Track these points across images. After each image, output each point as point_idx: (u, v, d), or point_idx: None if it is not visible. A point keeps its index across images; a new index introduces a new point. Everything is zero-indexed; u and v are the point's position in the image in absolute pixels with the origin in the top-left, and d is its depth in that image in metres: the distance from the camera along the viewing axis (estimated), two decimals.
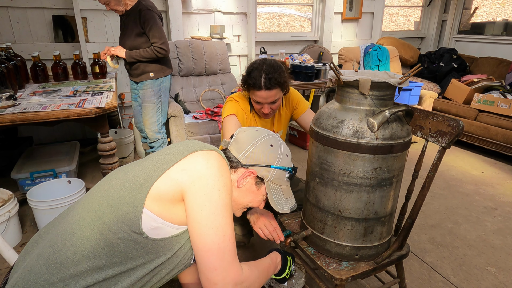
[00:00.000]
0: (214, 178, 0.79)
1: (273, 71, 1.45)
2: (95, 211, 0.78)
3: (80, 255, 0.74)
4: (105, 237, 0.75)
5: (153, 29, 2.39)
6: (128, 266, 0.76)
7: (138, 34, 2.42)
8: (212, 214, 0.77)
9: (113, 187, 0.82)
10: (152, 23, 2.38)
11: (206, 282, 0.77)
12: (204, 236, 0.76)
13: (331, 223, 1.15)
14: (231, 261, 0.79)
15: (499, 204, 2.51)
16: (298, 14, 5.83)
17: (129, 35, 2.44)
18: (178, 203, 0.78)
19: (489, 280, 1.74)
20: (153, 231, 0.77)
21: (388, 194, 1.10)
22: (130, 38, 2.44)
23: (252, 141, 0.96)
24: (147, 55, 2.43)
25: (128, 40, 2.45)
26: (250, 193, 0.96)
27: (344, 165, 1.06)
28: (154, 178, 0.78)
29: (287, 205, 1.01)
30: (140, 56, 2.43)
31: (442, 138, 1.10)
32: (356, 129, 1.03)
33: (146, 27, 2.38)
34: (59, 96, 2.11)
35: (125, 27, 2.47)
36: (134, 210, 0.76)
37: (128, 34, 2.44)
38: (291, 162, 1.03)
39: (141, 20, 2.37)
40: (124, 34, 2.48)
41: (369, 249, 1.15)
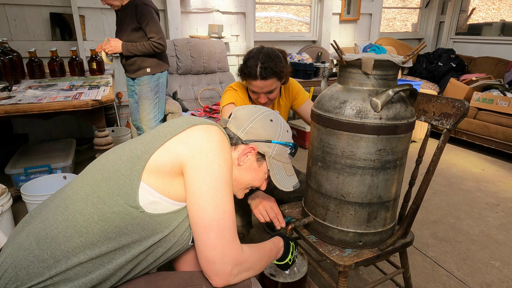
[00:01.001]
0: (214, 153, 0.76)
1: (269, 60, 1.42)
2: (90, 185, 0.75)
3: (72, 230, 0.70)
4: (99, 211, 0.71)
5: (150, 24, 2.36)
6: (123, 243, 0.72)
7: (134, 29, 2.40)
8: (212, 189, 0.74)
9: (109, 161, 0.78)
10: (149, 18, 2.36)
11: (204, 261, 0.74)
12: (203, 212, 0.73)
13: (334, 209, 1.11)
14: (231, 239, 0.75)
15: (501, 200, 2.48)
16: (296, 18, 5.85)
17: (125, 30, 2.42)
18: (176, 177, 0.75)
19: (494, 274, 1.70)
20: (150, 206, 0.73)
21: (392, 177, 1.07)
22: (126, 33, 2.42)
23: (252, 117, 0.93)
24: (144, 49, 2.40)
25: (124, 35, 2.43)
26: (252, 170, 0.93)
27: (347, 147, 1.03)
28: (152, 150, 0.74)
29: (290, 183, 0.98)
30: (137, 50, 2.40)
31: (446, 120, 1.08)
32: (359, 109, 1.00)
33: (142, 22, 2.36)
34: (55, 90, 2.08)
35: (121, 22, 2.45)
36: (130, 183, 0.72)
37: (124, 29, 2.42)
38: (291, 139, 1.01)
39: (138, 15, 2.35)
40: (120, 29, 2.46)
41: (373, 235, 1.12)
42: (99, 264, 0.70)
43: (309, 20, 4.45)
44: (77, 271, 0.69)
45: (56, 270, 0.68)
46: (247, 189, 0.98)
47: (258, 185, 0.97)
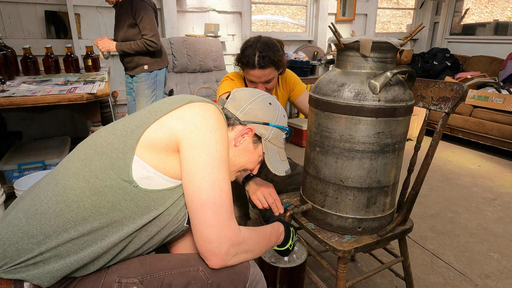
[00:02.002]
0: (211, 130, 0.74)
1: (267, 49, 1.42)
2: (81, 160, 0.73)
3: (62, 205, 0.68)
4: (91, 185, 0.69)
5: (144, 20, 2.34)
6: (116, 219, 0.69)
7: (130, 25, 2.38)
8: (208, 166, 0.72)
9: (101, 136, 0.77)
10: (144, 13, 2.34)
11: (201, 240, 0.72)
12: (200, 189, 0.71)
13: (333, 194, 1.10)
14: (228, 218, 0.74)
15: (498, 195, 2.48)
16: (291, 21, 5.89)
17: (121, 26, 2.41)
18: (172, 153, 0.73)
19: (493, 265, 1.69)
20: (144, 181, 0.71)
21: (391, 161, 1.06)
22: (123, 29, 2.41)
23: (251, 98, 0.92)
24: (137, 48, 2.38)
25: (120, 31, 2.42)
26: (247, 152, 0.92)
27: (345, 130, 1.02)
28: (147, 125, 0.73)
29: (283, 168, 0.97)
30: (130, 49, 2.39)
31: (445, 104, 1.07)
32: (358, 91, 1.00)
33: (137, 17, 2.34)
34: (50, 85, 2.06)
35: (118, 18, 2.44)
36: (124, 157, 0.70)
37: (121, 25, 2.41)
38: (287, 124, 1.00)
39: (133, 10, 2.34)
40: (117, 26, 2.46)
41: (372, 221, 1.11)
42: (91, 241, 0.68)
43: (305, 21, 4.47)
44: (68, 247, 0.67)
45: (46, 246, 0.66)
46: (238, 172, 0.96)
47: (251, 168, 0.95)
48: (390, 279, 1.58)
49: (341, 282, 1.10)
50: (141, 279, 0.70)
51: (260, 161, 0.96)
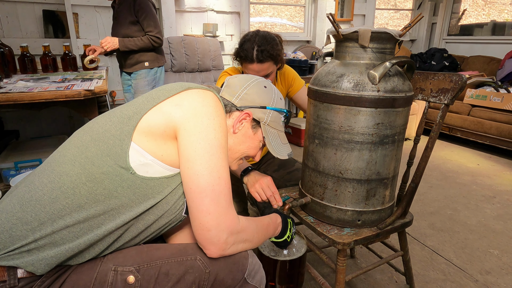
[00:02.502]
0: (210, 117, 0.73)
1: (265, 43, 1.41)
2: (77, 147, 0.72)
3: (58, 191, 0.67)
4: (87, 172, 0.68)
5: (148, 18, 2.36)
6: (112, 206, 0.68)
7: (131, 22, 2.39)
8: (207, 153, 0.71)
9: (98, 123, 0.76)
10: (148, 11, 2.37)
11: (199, 228, 0.70)
12: (198, 176, 0.70)
13: (332, 187, 1.09)
14: (227, 207, 0.72)
15: (497, 192, 2.48)
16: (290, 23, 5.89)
17: (122, 23, 2.40)
18: (170, 140, 0.72)
19: (493, 261, 1.68)
20: (142, 168, 0.70)
21: (390, 153, 1.05)
22: (124, 26, 2.40)
23: (245, 83, 0.92)
24: (142, 44, 2.39)
25: (121, 28, 2.41)
26: (247, 138, 0.91)
27: (344, 121, 1.02)
28: (144, 111, 0.72)
29: (285, 151, 0.96)
30: (135, 45, 2.39)
31: (444, 96, 1.07)
32: (357, 82, 0.99)
33: (140, 16, 2.35)
34: (47, 82, 2.05)
35: (117, 16, 2.44)
36: (120, 143, 0.69)
37: (122, 22, 2.40)
38: (285, 107, 0.99)
39: (136, 8, 2.35)
40: (117, 23, 2.45)
41: (372, 213, 1.10)
42: (87, 229, 0.67)
43: (303, 20, 4.47)
44: (64, 235, 0.65)
45: (40, 233, 0.64)
46: (241, 159, 0.95)
47: (253, 154, 0.94)
48: (390, 275, 1.57)
49: (340, 275, 1.09)
50: (138, 268, 0.69)
51: (261, 146, 0.95)
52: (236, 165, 0.95)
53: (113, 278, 0.66)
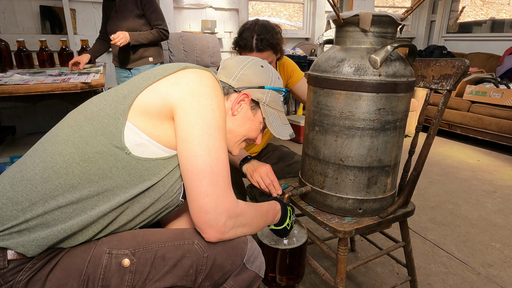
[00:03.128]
0: (207, 97, 0.71)
1: (265, 32, 1.39)
2: (71, 127, 0.70)
3: (50, 171, 0.64)
4: (81, 151, 0.66)
5: (156, 11, 2.36)
6: (106, 187, 0.66)
7: (137, 15, 2.36)
8: (204, 134, 0.69)
9: (92, 103, 0.73)
10: (155, 5, 2.37)
11: (196, 211, 0.68)
12: (195, 157, 0.68)
13: (332, 175, 1.07)
14: (225, 189, 0.70)
15: (498, 187, 2.46)
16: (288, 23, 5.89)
17: (127, 16, 2.36)
18: (166, 120, 0.70)
19: (495, 254, 1.66)
20: (137, 148, 0.68)
21: (392, 140, 1.03)
22: (128, 20, 2.36)
23: (241, 64, 0.90)
24: (152, 37, 2.37)
25: (125, 22, 2.37)
26: (247, 120, 0.89)
27: (345, 107, 1.00)
28: (139, 90, 0.69)
29: (286, 132, 0.94)
30: (145, 39, 2.36)
31: (446, 81, 1.05)
32: (358, 66, 0.97)
33: (148, 9, 2.34)
34: (44, 75, 2.03)
35: (120, 9, 2.39)
36: (115, 122, 0.67)
37: (126, 15, 2.36)
38: (283, 86, 0.98)
39: (142, 2, 2.33)
40: (123, 16, 2.38)
41: (373, 202, 1.08)
42: (80, 210, 0.64)
43: (302, 20, 4.46)
44: (56, 216, 0.63)
45: (32, 213, 0.62)
46: (242, 142, 0.93)
47: (254, 136, 0.92)
48: (391, 268, 1.55)
49: (341, 265, 1.07)
50: (133, 251, 0.67)
51: (262, 128, 0.93)
52: (237, 150, 0.92)
53: (107, 261, 0.64)
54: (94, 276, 0.62)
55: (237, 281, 0.73)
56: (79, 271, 0.62)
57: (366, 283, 1.46)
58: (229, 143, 0.89)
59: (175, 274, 0.68)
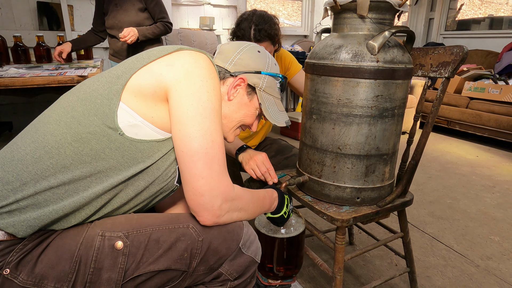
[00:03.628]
0: (202, 79, 0.70)
1: (263, 22, 1.38)
2: (63, 108, 0.68)
3: (42, 151, 0.63)
4: (73, 131, 0.64)
5: (159, 4, 2.34)
6: (99, 168, 0.65)
7: (140, 9, 2.33)
8: (199, 115, 0.68)
9: (85, 84, 0.72)
10: None
11: (191, 194, 0.67)
12: (190, 139, 0.67)
13: (330, 163, 1.06)
14: (221, 172, 0.69)
15: (497, 182, 2.45)
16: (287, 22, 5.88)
17: (129, 10, 2.32)
18: (160, 102, 0.69)
19: (494, 247, 1.66)
20: (131, 129, 0.67)
21: (390, 127, 1.02)
22: (131, 14, 2.33)
23: (238, 49, 0.89)
24: (159, 31, 2.34)
25: (128, 16, 2.33)
26: (243, 105, 0.87)
27: (343, 94, 0.99)
28: (134, 70, 0.68)
29: (282, 118, 0.94)
30: (152, 33, 2.32)
31: (444, 69, 1.04)
32: (356, 52, 0.96)
33: (150, 2, 2.31)
34: (40, 69, 2.01)
35: (121, 3, 2.34)
36: (108, 103, 0.66)
37: (129, 9, 2.32)
38: (279, 72, 0.97)
39: None
40: (125, 10, 2.32)
41: (371, 191, 1.07)
42: (72, 191, 0.63)
43: (300, 16, 4.46)
44: (47, 196, 0.62)
45: (22, 193, 0.61)
46: (237, 129, 0.92)
47: (250, 122, 0.91)
48: (389, 261, 1.54)
49: (339, 255, 1.06)
50: (127, 234, 0.66)
51: (258, 114, 0.92)
52: (232, 136, 0.91)
53: (100, 243, 0.63)
54: (87, 258, 0.61)
55: (232, 266, 0.72)
56: (71, 252, 0.61)
57: (365, 276, 1.45)
58: (224, 128, 0.88)
59: (169, 257, 0.67)
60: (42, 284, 0.58)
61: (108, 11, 2.39)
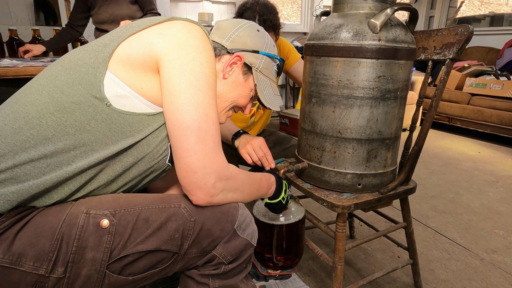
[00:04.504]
0: (196, 50, 0.66)
1: (267, 12, 1.35)
2: (46, 77, 0.64)
3: (22, 121, 0.59)
4: (56, 101, 0.60)
5: None
6: (84, 141, 0.61)
7: (131, 1, 2.29)
8: (192, 87, 0.64)
9: (70, 53, 0.68)
10: None
11: (183, 171, 0.63)
12: (182, 111, 0.63)
13: (330, 148, 1.02)
14: (215, 148, 0.65)
15: (500, 177, 2.41)
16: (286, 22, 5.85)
17: (121, 3, 2.27)
18: (150, 72, 0.65)
19: (499, 241, 1.61)
20: (119, 100, 0.63)
21: (392, 110, 0.98)
22: (124, 7, 2.28)
23: (237, 25, 0.85)
24: None
25: (120, 9, 2.29)
26: (237, 85, 0.84)
27: (343, 75, 0.95)
28: (122, 38, 0.64)
29: (277, 102, 0.90)
30: None
31: (449, 50, 1.00)
32: (357, 31, 0.92)
33: None
34: (35, 62, 1.98)
35: None
36: (94, 71, 0.62)
37: (120, 2, 2.27)
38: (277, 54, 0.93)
39: None
40: (116, 3, 2.27)
41: (373, 177, 1.03)
42: (55, 165, 0.59)
43: (300, 14, 4.43)
44: (27, 170, 0.58)
45: (0, 166, 0.57)
46: (230, 110, 0.88)
47: (243, 103, 0.87)
48: (391, 254, 1.49)
49: (340, 243, 1.02)
50: (113, 212, 0.61)
51: (252, 96, 0.88)
52: (224, 117, 0.87)
53: (84, 221, 0.59)
54: (69, 236, 0.57)
55: (227, 248, 0.68)
56: (52, 230, 0.57)
57: (366, 269, 1.40)
58: (218, 109, 0.85)
59: (158, 237, 0.62)
60: (19, 263, 0.54)
61: (96, 6, 2.29)
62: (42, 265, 0.55)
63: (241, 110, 0.91)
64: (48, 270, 0.56)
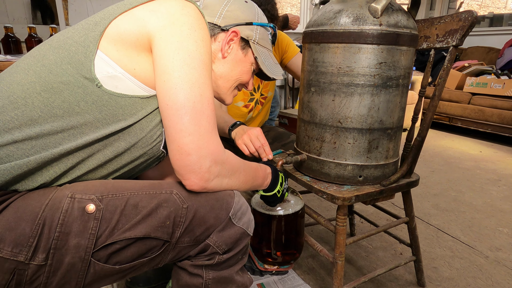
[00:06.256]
0: (190, 27, 0.62)
1: (265, 3, 1.33)
2: (33, 57, 0.61)
3: (5, 101, 0.56)
4: (43, 80, 0.57)
5: None
6: (73, 123, 0.57)
7: None
8: (186, 66, 0.60)
9: (60, 33, 0.65)
10: None
11: (177, 153, 0.59)
12: (176, 90, 0.59)
13: (330, 139, 0.98)
14: (210, 130, 0.62)
15: (502, 176, 2.38)
16: None
17: None
18: (143, 52, 0.61)
19: (503, 239, 1.57)
20: (110, 81, 0.59)
21: (394, 99, 0.95)
22: None
23: (224, 1, 0.84)
24: None
25: None
26: (238, 62, 0.82)
27: (343, 61, 0.92)
28: (113, 16, 0.61)
29: (279, 71, 0.89)
30: None
31: (452, 37, 0.97)
32: (357, 15, 0.89)
33: None
34: None
35: None
36: (84, 50, 0.58)
37: None
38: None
39: None
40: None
41: (374, 169, 0.99)
42: (40, 148, 0.56)
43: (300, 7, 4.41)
44: (10, 151, 0.54)
45: None
46: (235, 89, 0.86)
47: (246, 79, 0.86)
48: (393, 252, 1.45)
49: (340, 237, 0.98)
50: (100, 197, 0.58)
51: (252, 70, 0.86)
52: (230, 97, 0.86)
53: (68, 205, 0.55)
54: (52, 221, 0.53)
55: (221, 237, 0.64)
56: (33, 214, 0.53)
57: (367, 267, 1.36)
58: (222, 90, 0.83)
59: (148, 224, 0.59)
60: None
61: None
62: (22, 251, 0.51)
63: (244, 87, 0.89)
64: (28, 256, 0.52)
